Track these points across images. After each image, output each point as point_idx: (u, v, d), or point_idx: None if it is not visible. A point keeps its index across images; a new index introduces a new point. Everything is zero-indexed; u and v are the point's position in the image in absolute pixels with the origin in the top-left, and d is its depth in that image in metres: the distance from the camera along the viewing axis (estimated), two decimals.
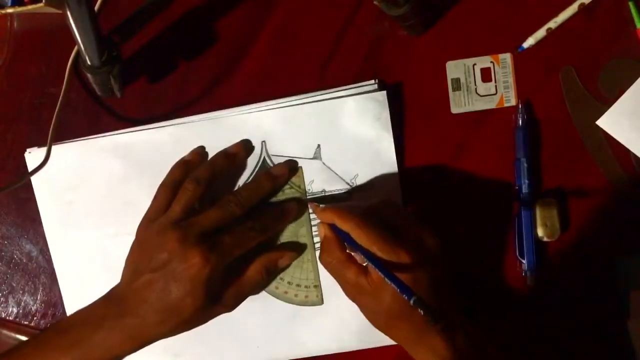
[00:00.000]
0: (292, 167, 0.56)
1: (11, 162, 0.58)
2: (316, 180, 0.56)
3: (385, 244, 0.47)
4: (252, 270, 0.53)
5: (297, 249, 0.56)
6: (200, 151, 0.56)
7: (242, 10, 0.57)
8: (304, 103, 0.55)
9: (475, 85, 0.55)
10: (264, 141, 0.56)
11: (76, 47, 0.56)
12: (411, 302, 0.43)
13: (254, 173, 0.56)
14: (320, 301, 0.56)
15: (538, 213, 0.54)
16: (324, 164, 0.56)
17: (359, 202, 0.55)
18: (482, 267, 0.56)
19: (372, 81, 0.55)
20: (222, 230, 0.51)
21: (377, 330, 0.51)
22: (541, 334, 0.55)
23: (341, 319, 0.56)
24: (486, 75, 0.55)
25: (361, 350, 0.56)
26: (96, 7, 0.56)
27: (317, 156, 0.56)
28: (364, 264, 0.49)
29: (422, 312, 0.42)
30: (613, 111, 0.54)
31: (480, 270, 0.56)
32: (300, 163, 0.56)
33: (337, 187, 0.56)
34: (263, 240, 0.53)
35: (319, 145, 0.56)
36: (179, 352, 0.57)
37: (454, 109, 0.56)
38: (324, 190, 0.56)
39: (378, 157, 0.55)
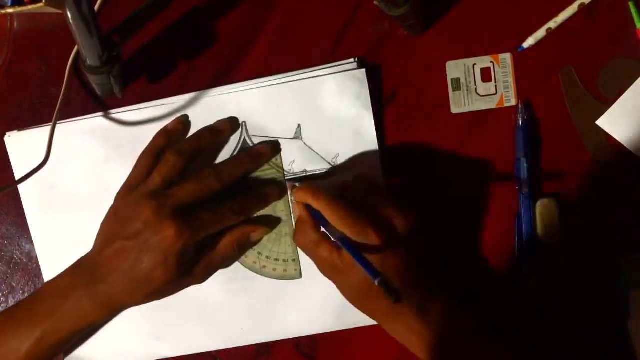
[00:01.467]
0: (274, 147, 0.55)
1: (10, 163, 0.58)
2: (297, 160, 0.56)
3: (354, 224, 0.47)
4: (223, 243, 0.53)
5: (271, 223, 0.56)
6: (183, 120, 0.56)
7: (242, 10, 0.57)
8: (283, 83, 0.55)
9: (475, 85, 0.55)
10: (244, 122, 0.56)
11: (76, 47, 0.56)
12: (376, 282, 0.44)
13: (234, 153, 0.56)
14: (298, 275, 0.56)
15: (538, 213, 0.54)
16: (304, 143, 0.56)
17: (335, 179, 0.55)
18: (482, 266, 0.56)
19: (352, 59, 0.55)
20: (201, 206, 0.50)
21: (356, 310, 0.51)
22: (541, 334, 0.55)
23: (322, 298, 0.56)
24: (486, 75, 0.55)
25: (365, 345, 0.56)
26: (96, 7, 0.56)
27: (297, 136, 0.56)
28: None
29: (384, 292, 0.43)
30: (613, 111, 0.54)
31: (480, 270, 0.56)
32: (281, 143, 0.56)
33: (318, 166, 0.56)
34: (240, 220, 0.53)
35: (299, 125, 0.56)
36: (161, 335, 0.57)
37: (454, 109, 0.56)
38: (305, 170, 0.56)
39: (359, 136, 0.55)
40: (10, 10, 0.53)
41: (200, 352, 0.57)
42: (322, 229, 0.51)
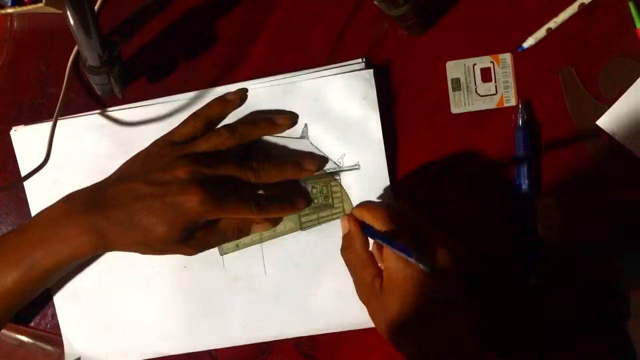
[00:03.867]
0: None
1: (11, 162, 0.58)
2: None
3: (408, 240, 0.47)
4: (224, 224, 0.52)
5: (275, 222, 0.55)
6: (242, 94, 0.54)
7: (242, 11, 0.57)
8: (290, 82, 0.55)
9: (475, 85, 0.55)
10: None
11: (76, 47, 0.56)
12: (413, 259, 0.44)
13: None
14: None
15: (538, 213, 0.54)
16: (311, 143, 0.56)
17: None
18: (482, 266, 0.56)
19: (359, 60, 0.55)
20: (233, 190, 0.50)
21: (357, 311, 0.52)
22: (541, 334, 0.55)
23: (324, 299, 0.56)
24: (486, 75, 0.55)
25: (365, 345, 0.57)
26: (96, 7, 0.56)
27: (304, 135, 0.56)
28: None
29: (415, 261, 0.44)
30: (613, 111, 0.54)
31: (480, 270, 0.56)
32: (287, 142, 0.56)
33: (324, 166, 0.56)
34: (258, 219, 0.53)
35: (305, 125, 0.56)
36: (162, 334, 0.57)
37: (454, 109, 0.56)
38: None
39: (365, 137, 0.55)
40: (10, 10, 0.53)
41: (200, 351, 0.57)
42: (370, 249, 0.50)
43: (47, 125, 0.56)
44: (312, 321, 0.56)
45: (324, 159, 0.55)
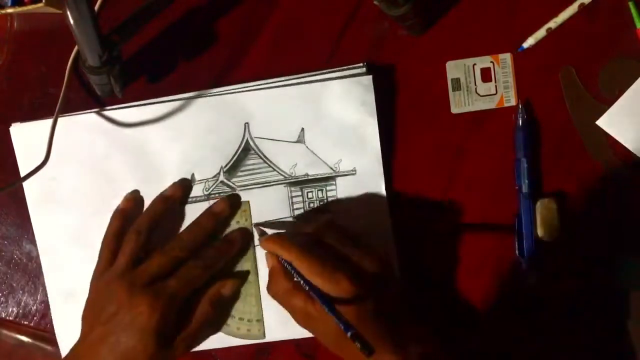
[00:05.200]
0: (233, 203, 0.56)
1: (10, 162, 0.58)
2: (299, 164, 0.56)
3: (326, 275, 0.47)
4: (199, 309, 0.53)
5: (240, 277, 0.56)
6: (134, 197, 0.56)
7: (242, 11, 0.57)
8: (288, 85, 0.55)
9: (475, 85, 0.55)
10: (247, 123, 0.56)
11: (76, 47, 0.56)
12: (349, 335, 0.43)
13: (236, 155, 0.56)
14: (262, 335, 0.57)
15: (538, 213, 0.54)
16: (307, 147, 0.56)
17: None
18: (482, 266, 0.56)
19: (360, 64, 0.55)
20: (171, 273, 0.51)
21: None
22: (541, 334, 0.55)
23: None
24: (486, 75, 0.55)
25: None
26: (96, 7, 0.56)
27: (300, 139, 0.56)
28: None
29: (358, 347, 0.42)
30: (613, 111, 0.54)
31: (480, 269, 0.56)
32: (284, 146, 0.56)
33: (320, 171, 0.56)
34: (209, 276, 0.54)
35: (302, 129, 0.55)
36: None
37: (454, 109, 0.56)
38: (306, 174, 0.56)
39: (362, 143, 0.55)
40: (10, 10, 0.53)
41: (200, 351, 0.57)
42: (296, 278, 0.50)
43: (46, 123, 0.55)
44: None
45: (235, 197, 0.56)
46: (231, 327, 0.57)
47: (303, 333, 0.51)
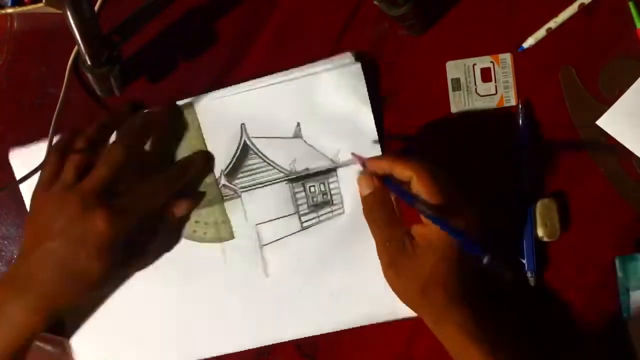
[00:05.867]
0: (205, 157, 0.55)
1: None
2: (298, 159, 0.56)
3: (450, 199, 0.46)
4: (152, 226, 0.52)
5: (197, 197, 0.55)
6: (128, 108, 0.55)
7: (242, 11, 0.57)
8: (279, 82, 0.55)
9: (475, 85, 0.55)
10: (243, 124, 0.56)
11: (76, 47, 0.56)
12: (484, 260, 0.42)
13: (235, 157, 0.56)
14: (231, 236, 0.56)
15: (538, 213, 0.54)
16: (305, 142, 0.56)
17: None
18: (482, 266, 0.56)
19: (348, 54, 0.55)
20: (126, 189, 0.49)
21: (354, 309, 0.52)
22: (541, 334, 0.55)
23: (328, 298, 0.56)
24: (486, 75, 0.55)
25: (366, 345, 0.57)
26: (96, 7, 0.56)
27: (297, 135, 0.56)
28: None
29: (496, 268, 0.42)
30: (613, 111, 0.54)
31: (480, 269, 0.56)
32: (282, 143, 0.56)
33: (320, 164, 0.56)
34: (166, 197, 0.52)
35: (298, 124, 0.55)
36: (167, 342, 0.57)
37: (454, 109, 0.56)
38: (307, 169, 0.56)
39: (359, 131, 0.55)
40: (10, 10, 0.53)
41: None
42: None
43: (42, 145, 0.55)
44: (318, 321, 0.56)
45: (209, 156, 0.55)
46: (198, 233, 0.56)
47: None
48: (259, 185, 0.56)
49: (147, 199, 0.50)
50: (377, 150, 0.55)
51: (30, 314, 0.48)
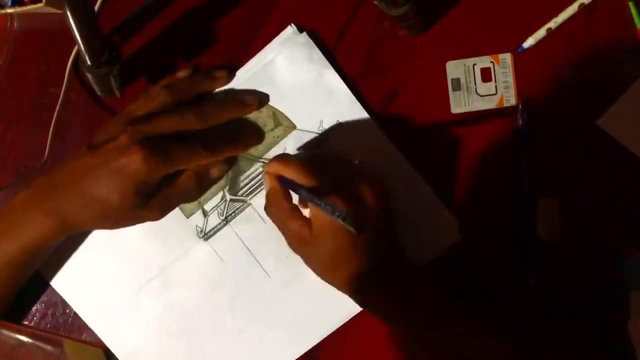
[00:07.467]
0: (262, 100, 0.52)
1: (11, 162, 0.58)
2: (288, 145, 0.57)
3: (324, 190, 0.48)
4: (183, 177, 0.51)
5: (229, 163, 0.54)
6: (231, 73, 0.53)
7: (242, 10, 0.57)
8: (241, 83, 0.56)
9: (475, 85, 0.55)
10: None
11: (76, 47, 0.56)
12: (336, 216, 0.44)
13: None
14: None
15: (538, 213, 0.54)
16: (286, 127, 0.56)
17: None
18: (482, 266, 0.56)
19: (289, 28, 0.56)
20: (174, 140, 0.48)
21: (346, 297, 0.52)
22: (541, 334, 0.55)
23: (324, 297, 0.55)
24: (486, 75, 0.55)
25: (367, 342, 0.57)
26: (96, 7, 0.56)
27: (277, 123, 0.56)
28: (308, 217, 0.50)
29: (347, 222, 0.43)
30: (613, 111, 0.54)
31: (480, 269, 0.56)
32: (266, 137, 0.56)
33: (309, 139, 0.56)
34: (210, 159, 0.51)
35: (274, 113, 0.56)
36: (242, 328, 0.58)
37: (454, 109, 0.56)
38: (298, 151, 0.57)
39: (332, 95, 0.56)
40: (10, 10, 0.54)
41: None
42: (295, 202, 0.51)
43: None
44: (314, 324, 0.57)
45: (263, 95, 0.52)
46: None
47: None
48: (263, 186, 0.57)
49: (191, 156, 0.49)
50: (358, 108, 0.55)
51: (50, 221, 0.50)
